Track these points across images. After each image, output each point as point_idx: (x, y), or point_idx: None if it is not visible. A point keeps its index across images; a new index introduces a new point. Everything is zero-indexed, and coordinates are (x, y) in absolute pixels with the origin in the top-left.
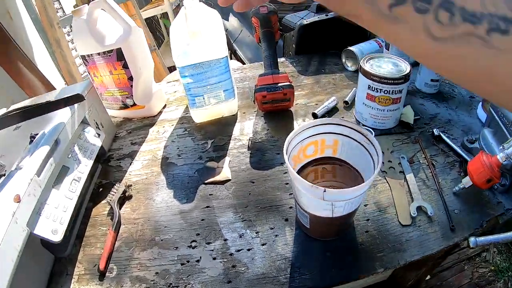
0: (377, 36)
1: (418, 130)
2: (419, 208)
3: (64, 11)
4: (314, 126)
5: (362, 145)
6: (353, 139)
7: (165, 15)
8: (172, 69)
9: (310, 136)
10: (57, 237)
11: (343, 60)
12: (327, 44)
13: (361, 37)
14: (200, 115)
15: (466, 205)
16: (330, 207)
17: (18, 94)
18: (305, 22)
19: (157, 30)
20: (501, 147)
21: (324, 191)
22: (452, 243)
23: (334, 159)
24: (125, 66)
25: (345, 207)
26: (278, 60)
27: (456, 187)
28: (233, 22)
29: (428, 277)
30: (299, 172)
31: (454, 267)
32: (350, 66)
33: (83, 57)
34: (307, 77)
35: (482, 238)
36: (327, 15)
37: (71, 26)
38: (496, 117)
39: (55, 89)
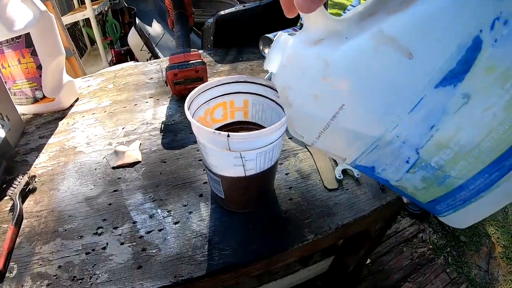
0: (295, 25)
1: None
2: (344, 172)
3: None
4: (220, 84)
5: (274, 101)
6: (264, 96)
7: (88, 23)
8: None
9: (217, 97)
10: None
11: (261, 48)
12: (245, 36)
13: (279, 27)
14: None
15: None
16: (240, 161)
17: None
18: (222, 12)
19: (79, 39)
20: None
21: (228, 135)
22: (385, 203)
23: (246, 123)
24: (34, 54)
25: (257, 161)
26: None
27: None
28: (156, 27)
29: (369, 261)
30: None
31: (393, 250)
32: (267, 53)
33: None
34: (224, 65)
35: None
36: (245, 6)
37: None
38: None
39: None
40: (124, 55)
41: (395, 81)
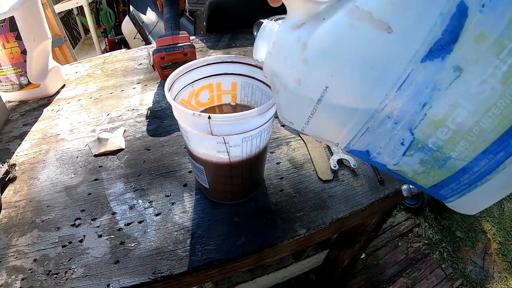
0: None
1: None
2: (340, 162)
3: None
4: (206, 65)
5: (264, 83)
6: (253, 78)
7: (82, 12)
8: None
9: (202, 78)
10: None
11: (255, 33)
12: (239, 21)
13: (274, 13)
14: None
15: None
16: (223, 147)
17: None
18: None
19: (73, 28)
20: None
21: (209, 117)
22: (383, 196)
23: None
24: (19, 38)
25: (243, 147)
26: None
27: None
28: (150, 15)
29: (363, 255)
30: None
31: (388, 245)
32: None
33: None
34: (216, 51)
35: None
36: None
37: None
38: None
39: None
40: (118, 44)
41: (377, 58)
